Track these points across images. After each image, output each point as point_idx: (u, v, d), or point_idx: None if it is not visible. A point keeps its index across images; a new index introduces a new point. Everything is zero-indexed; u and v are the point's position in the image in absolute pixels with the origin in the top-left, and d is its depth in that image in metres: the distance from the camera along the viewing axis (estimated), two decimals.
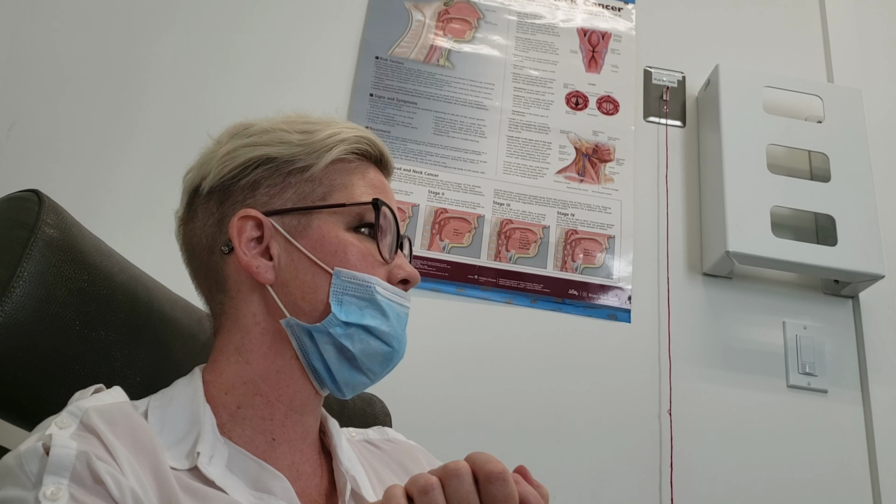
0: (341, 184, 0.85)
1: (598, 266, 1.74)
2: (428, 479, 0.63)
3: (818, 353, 1.72)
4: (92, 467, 0.63)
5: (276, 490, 0.76)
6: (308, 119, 0.88)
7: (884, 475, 1.63)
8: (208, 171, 0.85)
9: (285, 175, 0.84)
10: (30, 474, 0.62)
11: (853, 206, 1.74)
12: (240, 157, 0.84)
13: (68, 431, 0.66)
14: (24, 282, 0.78)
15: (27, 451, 0.63)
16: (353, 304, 0.81)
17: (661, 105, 1.94)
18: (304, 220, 0.83)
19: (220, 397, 0.81)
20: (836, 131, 1.82)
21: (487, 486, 0.63)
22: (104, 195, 1.54)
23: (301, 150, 0.84)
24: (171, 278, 1.01)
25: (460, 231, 1.73)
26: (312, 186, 0.84)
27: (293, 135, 0.85)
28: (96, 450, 0.65)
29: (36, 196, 0.85)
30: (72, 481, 0.62)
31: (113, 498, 0.62)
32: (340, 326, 0.80)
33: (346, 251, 0.82)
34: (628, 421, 1.63)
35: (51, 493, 0.60)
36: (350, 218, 0.84)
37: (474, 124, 1.84)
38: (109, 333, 0.87)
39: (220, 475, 0.73)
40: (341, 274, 0.81)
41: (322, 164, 0.84)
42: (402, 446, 1.02)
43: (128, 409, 0.74)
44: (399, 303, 0.84)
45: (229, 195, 0.84)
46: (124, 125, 1.62)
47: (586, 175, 1.83)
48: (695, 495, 1.58)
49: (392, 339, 0.83)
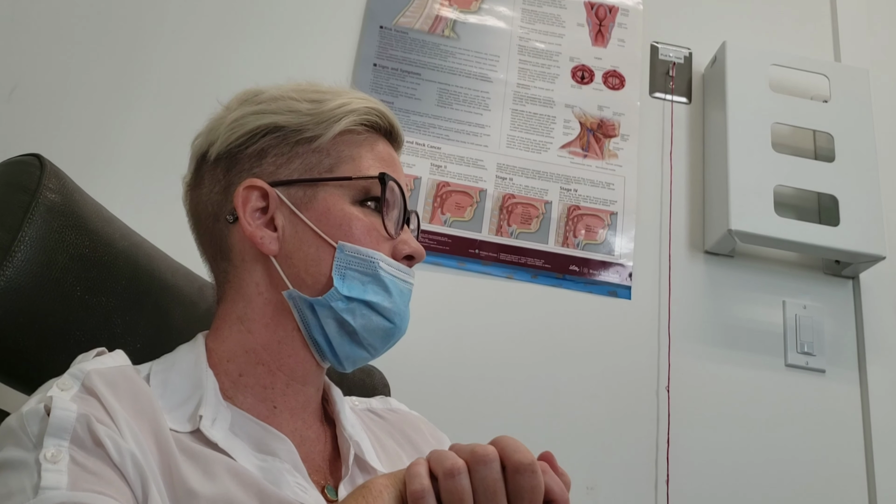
0: (349, 156, 0.84)
1: (600, 242, 1.74)
2: (455, 461, 0.63)
3: (817, 333, 1.73)
4: (92, 430, 0.63)
5: (279, 452, 0.76)
6: (319, 88, 0.87)
7: (878, 455, 1.64)
8: (216, 138, 0.85)
9: (293, 145, 0.84)
10: (31, 435, 0.62)
11: (857, 186, 1.73)
12: (248, 125, 0.84)
13: (69, 393, 0.67)
14: (25, 246, 0.78)
15: (29, 413, 0.64)
16: (356, 278, 0.81)
17: (668, 81, 1.93)
18: (310, 191, 0.82)
19: (223, 364, 0.81)
20: (842, 111, 1.81)
21: (515, 476, 0.63)
22: (106, 161, 1.53)
23: (309, 119, 0.83)
24: (173, 246, 1.01)
25: (462, 205, 1.73)
26: (319, 157, 0.83)
27: (302, 104, 0.84)
28: (97, 412, 0.65)
29: (37, 160, 0.85)
30: (72, 443, 0.62)
31: (112, 461, 0.63)
32: (342, 301, 0.80)
33: (351, 225, 0.82)
34: (626, 397, 1.64)
35: (51, 455, 0.60)
36: (356, 191, 0.83)
37: (478, 97, 1.82)
38: (110, 299, 0.88)
39: (224, 437, 0.74)
40: (345, 248, 0.80)
41: (330, 135, 0.84)
42: (405, 416, 1.02)
43: (129, 373, 0.74)
44: (402, 279, 0.84)
45: (236, 163, 0.84)
46: (128, 89, 1.60)
47: (590, 150, 1.82)
48: (691, 471, 1.59)
49: (394, 316, 0.83)
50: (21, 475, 0.59)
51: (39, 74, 1.22)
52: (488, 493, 0.63)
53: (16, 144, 1.09)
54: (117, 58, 1.52)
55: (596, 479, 1.56)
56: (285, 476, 0.74)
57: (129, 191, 1.55)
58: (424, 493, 0.62)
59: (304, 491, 0.74)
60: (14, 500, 0.58)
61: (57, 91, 1.29)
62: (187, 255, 0.94)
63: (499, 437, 0.66)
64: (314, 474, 0.79)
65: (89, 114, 1.44)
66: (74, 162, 1.05)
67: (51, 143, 1.26)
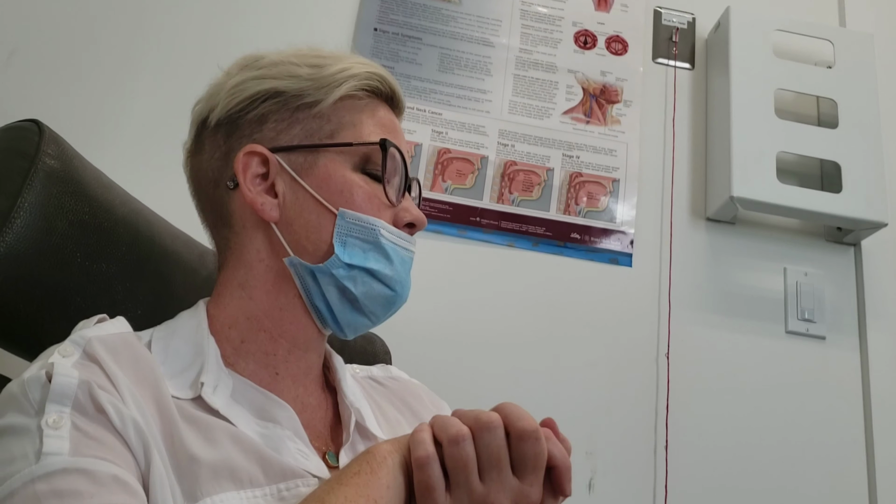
0: (350, 122, 0.83)
1: (602, 210, 1.74)
2: (460, 428, 0.64)
3: (818, 300, 1.73)
4: (94, 396, 0.63)
5: (281, 419, 0.77)
6: (319, 53, 0.86)
7: (877, 421, 1.65)
8: (216, 103, 0.84)
9: (293, 110, 0.83)
10: (32, 402, 0.62)
11: (860, 152, 1.72)
12: (248, 90, 0.83)
13: (71, 360, 0.67)
14: (24, 212, 0.78)
15: (30, 379, 0.64)
16: (357, 246, 0.80)
17: (671, 46, 1.91)
18: (311, 157, 0.82)
19: (224, 331, 0.81)
20: (846, 77, 1.79)
21: (519, 443, 0.64)
22: (106, 127, 1.52)
23: (310, 84, 0.82)
24: (173, 213, 1.01)
25: (463, 172, 1.72)
26: (320, 123, 0.83)
27: (303, 68, 0.83)
28: (98, 379, 0.65)
29: (36, 126, 0.84)
30: (73, 410, 0.62)
31: (114, 427, 0.63)
32: (343, 268, 0.79)
33: (352, 192, 0.81)
34: (626, 364, 1.64)
35: (52, 422, 0.60)
36: (357, 158, 0.83)
37: (480, 62, 1.81)
38: (111, 266, 0.87)
39: (225, 404, 0.74)
40: (346, 215, 0.80)
41: (330, 101, 0.83)
42: (406, 384, 1.03)
43: (131, 339, 0.74)
44: (404, 247, 0.84)
45: (236, 128, 0.83)
46: (129, 54, 1.59)
47: (593, 116, 1.81)
48: (690, 438, 1.60)
49: (395, 283, 0.83)
50: (23, 441, 0.60)
51: (38, 39, 1.21)
52: (492, 460, 0.64)
53: (14, 110, 1.08)
54: (118, 21, 1.51)
55: (596, 445, 1.57)
56: (286, 442, 0.75)
57: (129, 157, 1.54)
58: (429, 460, 0.63)
59: (305, 457, 0.75)
60: (16, 465, 0.58)
61: (56, 56, 1.28)
62: (188, 223, 0.94)
63: (502, 403, 0.67)
64: (315, 441, 0.80)
65: (89, 79, 1.43)
66: (73, 127, 1.04)
67: (49, 108, 1.25)
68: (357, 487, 0.62)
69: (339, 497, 0.61)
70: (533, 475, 0.65)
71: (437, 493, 0.63)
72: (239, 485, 0.68)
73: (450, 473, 0.64)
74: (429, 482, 0.63)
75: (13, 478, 0.57)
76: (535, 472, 0.65)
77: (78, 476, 0.58)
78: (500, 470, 0.64)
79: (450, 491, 0.64)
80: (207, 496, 0.66)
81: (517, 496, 0.64)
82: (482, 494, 0.63)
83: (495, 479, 0.64)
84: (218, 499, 0.66)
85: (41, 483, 0.57)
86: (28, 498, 0.56)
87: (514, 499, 0.64)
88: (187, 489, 0.66)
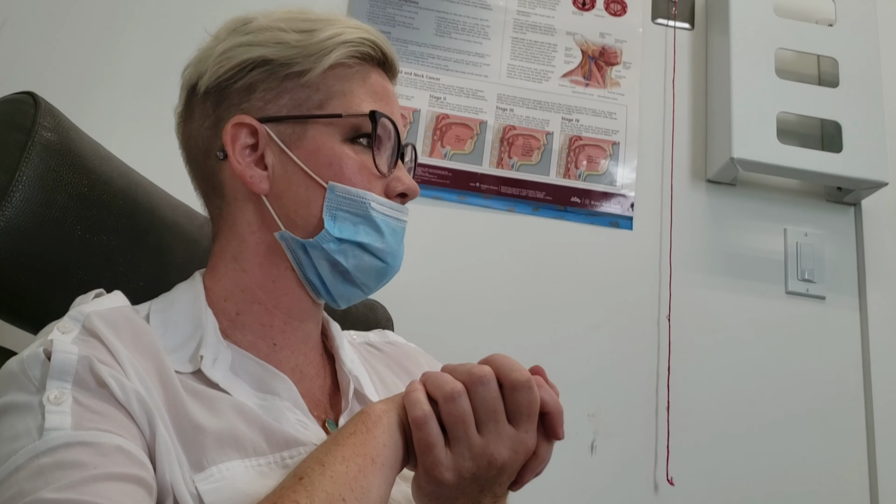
0: (339, 91, 0.81)
1: (602, 173, 1.73)
2: (454, 385, 0.65)
3: (818, 260, 1.73)
4: (95, 371, 0.63)
5: (280, 391, 0.77)
6: (308, 16, 0.83)
7: (876, 380, 1.66)
8: (205, 70, 0.82)
9: (281, 79, 0.80)
10: (33, 379, 0.63)
11: (860, 112, 1.71)
12: (235, 58, 0.80)
13: (70, 336, 0.67)
14: (23, 186, 0.78)
15: (29, 357, 0.64)
16: (348, 219, 0.79)
17: (670, 6, 1.89)
18: (300, 129, 0.80)
19: (220, 303, 0.81)
20: (848, 35, 1.78)
21: (513, 393, 0.65)
22: (100, 97, 1.51)
23: (297, 52, 0.80)
24: (171, 183, 1.01)
25: (462, 137, 1.71)
26: (309, 93, 0.80)
27: (290, 34, 0.80)
28: (99, 353, 0.66)
29: (31, 98, 0.84)
30: (74, 385, 0.62)
31: (118, 400, 0.63)
32: (334, 242, 0.79)
33: (342, 164, 0.79)
34: (627, 326, 1.65)
35: (54, 398, 0.61)
36: (347, 129, 0.80)
37: (478, 25, 1.79)
38: (111, 238, 0.87)
39: (224, 377, 0.74)
40: (335, 189, 0.79)
41: (320, 70, 0.80)
42: (403, 348, 1.03)
43: (129, 313, 0.74)
44: (395, 217, 0.83)
45: (225, 97, 0.81)
46: (121, 20, 1.57)
47: (592, 79, 1.79)
48: (691, 399, 1.61)
49: (386, 255, 0.82)
50: (26, 417, 0.60)
51: (29, 8, 1.19)
52: (489, 413, 0.65)
53: (7, 82, 1.08)
54: None
55: (597, 407, 1.59)
56: (286, 413, 0.75)
57: (125, 126, 1.54)
58: (427, 418, 0.64)
59: (305, 427, 0.76)
60: (20, 441, 0.58)
61: (47, 25, 1.27)
62: (186, 192, 0.93)
63: (491, 355, 0.68)
64: (315, 409, 0.80)
65: (81, 48, 1.41)
66: (67, 97, 1.04)
67: (42, 78, 1.24)
68: (354, 447, 0.63)
69: (336, 457, 0.62)
70: (528, 423, 0.66)
71: (437, 449, 0.64)
72: (243, 453, 0.69)
73: (448, 429, 0.65)
74: (429, 440, 0.64)
75: (17, 454, 0.57)
76: (529, 420, 0.66)
77: (81, 448, 0.58)
78: (496, 421, 0.65)
79: (449, 446, 0.65)
80: (213, 465, 0.67)
81: (514, 444, 0.66)
82: (482, 446, 0.65)
83: (493, 431, 0.65)
84: (224, 467, 0.67)
85: (45, 457, 0.57)
86: (32, 472, 0.56)
87: (511, 447, 0.66)
88: (193, 458, 0.67)
